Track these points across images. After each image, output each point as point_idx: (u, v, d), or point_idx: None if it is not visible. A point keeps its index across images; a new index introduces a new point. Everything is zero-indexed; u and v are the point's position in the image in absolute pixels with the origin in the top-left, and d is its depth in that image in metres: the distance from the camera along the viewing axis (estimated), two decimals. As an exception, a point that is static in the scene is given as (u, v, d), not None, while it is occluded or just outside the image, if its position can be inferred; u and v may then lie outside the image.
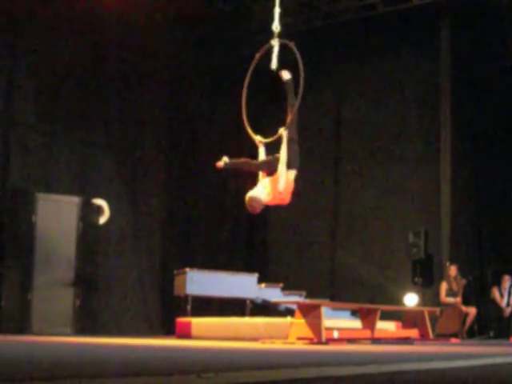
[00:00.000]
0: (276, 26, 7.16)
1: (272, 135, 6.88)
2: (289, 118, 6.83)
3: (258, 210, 6.76)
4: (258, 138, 6.97)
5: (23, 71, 11.20)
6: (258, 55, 7.14)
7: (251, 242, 14.66)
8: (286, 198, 6.83)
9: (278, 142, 6.83)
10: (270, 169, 6.88)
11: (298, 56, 6.82)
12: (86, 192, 11.53)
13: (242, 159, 7.23)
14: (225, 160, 7.07)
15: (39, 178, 11.18)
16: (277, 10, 7.25)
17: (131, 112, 12.58)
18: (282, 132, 6.78)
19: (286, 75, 6.96)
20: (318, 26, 13.86)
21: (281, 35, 7.17)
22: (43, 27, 11.26)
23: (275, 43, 7.07)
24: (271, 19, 7.28)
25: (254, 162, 7.12)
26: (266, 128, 7.26)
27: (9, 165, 10.91)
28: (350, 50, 14.00)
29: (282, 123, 6.90)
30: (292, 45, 6.95)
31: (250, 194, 6.76)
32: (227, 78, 14.00)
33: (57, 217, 10.87)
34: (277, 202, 6.86)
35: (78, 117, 11.79)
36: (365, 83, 13.88)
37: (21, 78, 11.16)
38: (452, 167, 12.43)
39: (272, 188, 6.74)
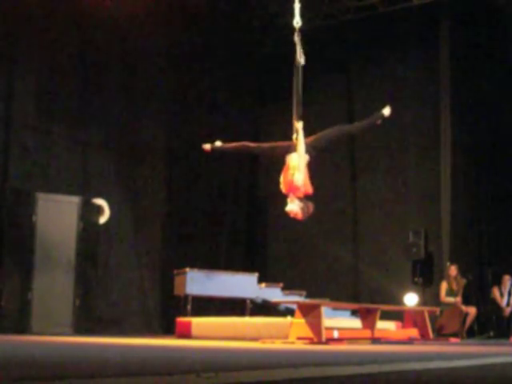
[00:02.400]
0: (297, 22, 7.22)
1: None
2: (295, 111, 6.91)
3: (302, 214, 6.86)
4: (294, 136, 7.01)
5: (23, 71, 11.19)
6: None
7: (251, 242, 14.65)
8: (308, 189, 6.88)
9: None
10: (277, 154, 6.96)
11: (299, 46, 6.97)
12: (86, 192, 11.52)
13: (240, 143, 7.27)
14: (216, 144, 7.12)
15: (39, 178, 11.18)
16: (297, 6, 7.31)
17: (131, 112, 12.58)
18: (296, 124, 6.84)
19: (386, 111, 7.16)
20: (317, 25, 13.85)
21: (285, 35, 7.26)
22: (43, 27, 11.26)
23: (297, 39, 7.16)
24: (271, 18, 7.34)
25: (257, 145, 7.17)
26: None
27: (9, 165, 10.91)
28: (349, 50, 14.00)
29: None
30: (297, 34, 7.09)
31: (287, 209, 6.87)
32: (227, 77, 14.02)
33: (57, 217, 10.87)
34: (300, 194, 6.89)
35: (77, 117, 11.79)
36: (364, 84, 13.87)
37: (21, 78, 11.15)
38: (452, 167, 12.43)
39: (284, 177, 6.84)
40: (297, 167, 6.79)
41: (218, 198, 14.01)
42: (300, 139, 6.82)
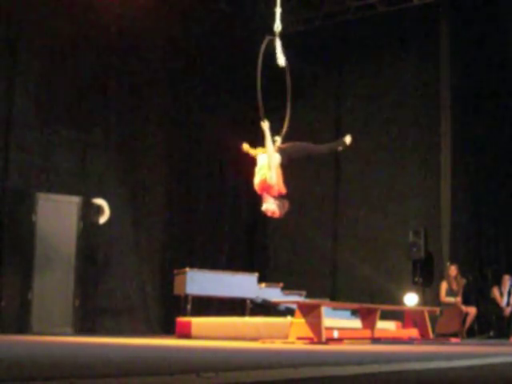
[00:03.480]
0: (277, 26, 7.35)
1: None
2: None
3: (279, 212, 6.92)
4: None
5: (23, 71, 11.19)
6: (267, 38, 7.35)
7: (251, 241, 14.65)
8: (281, 188, 6.91)
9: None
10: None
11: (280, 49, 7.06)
12: (86, 192, 11.52)
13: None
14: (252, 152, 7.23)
15: (39, 178, 11.18)
16: (278, 10, 7.43)
17: (131, 112, 12.58)
18: (262, 124, 6.93)
19: None
20: (317, 26, 13.86)
21: (281, 35, 7.39)
22: (43, 27, 11.26)
23: (277, 41, 7.32)
24: (272, 18, 7.42)
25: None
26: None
27: (9, 165, 10.91)
28: (349, 49, 14.01)
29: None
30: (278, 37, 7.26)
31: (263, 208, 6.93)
32: (227, 76, 14.02)
33: (57, 217, 10.87)
34: (275, 193, 6.93)
35: (77, 117, 11.79)
36: (364, 83, 13.87)
37: (21, 78, 11.15)
38: (452, 166, 12.43)
39: (256, 177, 6.92)
40: (265, 167, 6.86)
41: (218, 198, 14.00)
42: (266, 139, 6.89)
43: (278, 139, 7.16)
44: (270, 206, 6.90)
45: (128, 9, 11.93)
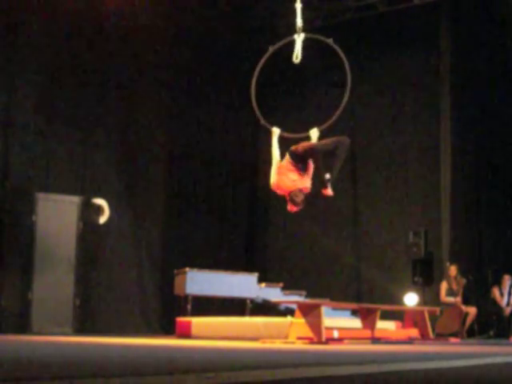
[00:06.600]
0: (299, 21, 7.40)
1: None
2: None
3: (298, 205, 6.86)
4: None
5: (23, 71, 11.19)
6: (271, 48, 7.35)
7: (251, 241, 14.65)
8: (282, 189, 6.88)
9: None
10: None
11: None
12: (86, 192, 11.53)
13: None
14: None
15: (39, 178, 11.19)
16: (298, 6, 7.47)
17: (131, 112, 12.59)
18: (273, 132, 6.89)
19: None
20: (318, 25, 13.85)
21: (284, 34, 7.39)
22: (43, 27, 11.27)
23: (298, 38, 7.35)
24: (272, 19, 7.41)
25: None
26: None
27: (9, 165, 10.91)
28: (349, 49, 13.97)
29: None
30: (330, 41, 7.30)
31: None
32: (226, 75, 14.02)
33: (57, 217, 10.88)
34: (284, 193, 6.92)
35: (77, 117, 11.80)
36: (365, 83, 13.86)
37: (21, 78, 11.15)
38: (452, 167, 12.43)
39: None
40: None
41: (219, 198, 14.00)
42: (273, 146, 6.95)
43: (315, 132, 7.10)
44: (289, 204, 6.91)
45: (129, 10, 11.92)
